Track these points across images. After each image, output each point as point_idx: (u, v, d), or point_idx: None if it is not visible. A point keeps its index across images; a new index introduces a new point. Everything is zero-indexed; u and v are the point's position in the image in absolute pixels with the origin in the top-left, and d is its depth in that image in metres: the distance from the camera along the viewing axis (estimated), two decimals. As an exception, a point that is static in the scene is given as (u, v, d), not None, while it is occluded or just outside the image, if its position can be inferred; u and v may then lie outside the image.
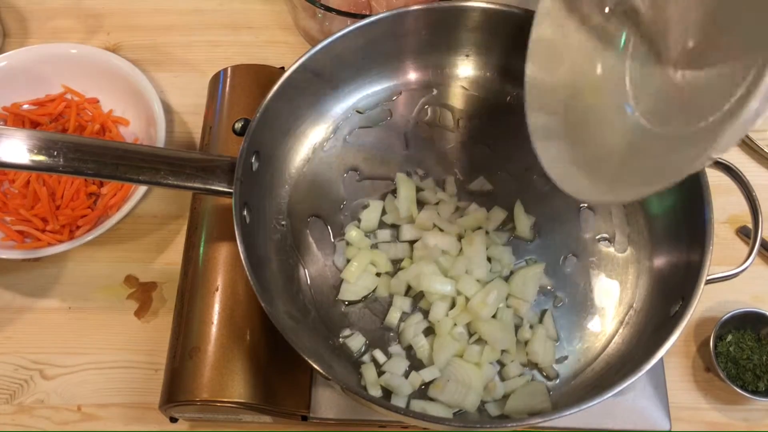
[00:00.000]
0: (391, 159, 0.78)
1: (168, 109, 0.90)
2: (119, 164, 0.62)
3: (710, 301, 0.77)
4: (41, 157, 0.59)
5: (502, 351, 0.67)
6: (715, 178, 0.66)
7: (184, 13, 0.99)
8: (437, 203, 0.74)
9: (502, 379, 0.66)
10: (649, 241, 0.72)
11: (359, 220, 0.73)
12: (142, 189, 0.76)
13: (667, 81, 0.56)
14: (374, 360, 0.66)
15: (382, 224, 0.74)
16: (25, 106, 0.86)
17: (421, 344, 0.67)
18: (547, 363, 0.66)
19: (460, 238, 0.71)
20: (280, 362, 0.66)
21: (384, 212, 0.74)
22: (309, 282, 0.71)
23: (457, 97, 0.81)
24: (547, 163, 0.61)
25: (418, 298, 0.69)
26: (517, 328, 0.68)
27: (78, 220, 0.78)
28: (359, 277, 0.70)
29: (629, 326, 0.68)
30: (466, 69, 0.82)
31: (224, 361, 0.64)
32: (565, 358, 0.67)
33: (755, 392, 0.71)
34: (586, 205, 0.75)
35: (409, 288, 0.70)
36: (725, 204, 0.80)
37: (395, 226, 0.74)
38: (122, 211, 0.75)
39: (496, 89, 0.81)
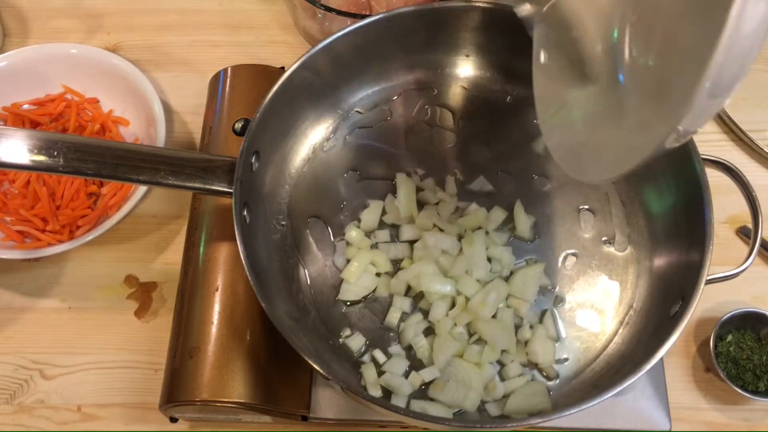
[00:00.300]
0: (391, 159, 0.78)
1: (168, 109, 0.90)
2: (119, 164, 0.62)
3: (710, 301, 0.77)
4: (41, 157, 0.59)
5: (502, 351, 0.66)
6: (715, 178, 0.66)
7: (184, 13, 0.99)
8: (437, 203, 0.74)
9: (502, 379, 0.66)
10: (649, 241, 0.72)
11: (359, 220, 0.73)
12: (142, 189, 0.76)
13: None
14: (374, 360, 0.66)
15: (382, 224, 0.74)
16: (25, 106, 0.86)
17: (421, 344, 0.67)
18: (547, 363, 0.66)
19: (460, 238, 0.71)
20: (280, 362, 0.66)
21: (384, 212, 0.74)
22: (309, 282, 0.71)
23: (457, 97, 0.81)
24: (552, 148, 0.61)
25: (418, 298, 0.69)
26: (517, 328, 0.68)
27: (78, 220, 0.78)
28: (359, 277, 0.70)
29: (629, 326, 0.68)
30: (466, 69, 0.82)
31: (224, 361, 0.64)
32: (566, 359, 0.67)
33: (755, 392, 0.71)
34: (586, 206, 0.75)
35: (409, 288, 0.69)
36: (725, 204, 0.80)
37: (395, 226, 0.74)
38: (122, 211, 0.75)
39: (496, 89, 0.81)
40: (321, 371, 0.56)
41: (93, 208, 0.80)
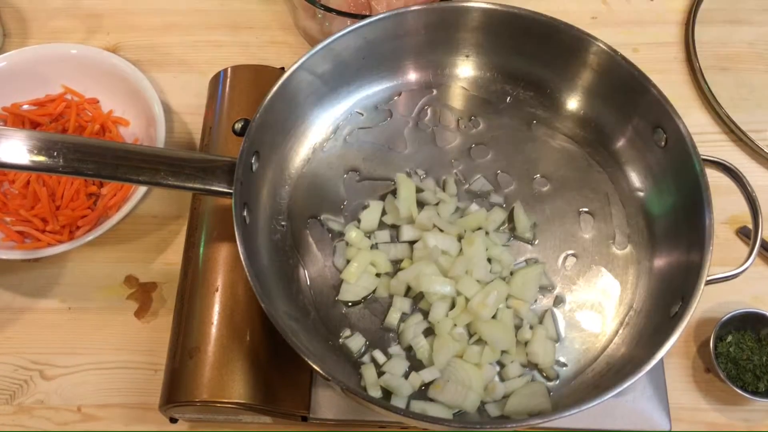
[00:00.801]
0: (391, 159, 0.78)
1: (168, 109, 0.90)
2: (119, 164, 0.62)
3: (710, 301, 0.77)
4: (41, 158, 0.59)
5: (502, 351, 0.66)
6: (715, 179, 0.66)
7: (184, 13, 0.99)
8: (437, 204, 0.74)
9: (502, 379, 0.66)
10: (649, 241, 0.72)
11: (359, 221, 0.73)
12: (142, 189, 0.76)
13: None
14: (374, 360, 0.66)
15: (382, 225, 0.74)
16: (25, 107, 0.86)
17: (421, 345, 0.66)
18: (547, 363, 0.66)
19: (460, 238, 0.71)
20: (280, 362, 0.66)
21: (384, 213, 0.74)
22: (309, 282, 0.71)
23: (457, 97, 0.81)
24: None
25: (418, 299, 0.69)
26: (517, 328, 0.68)
27: (78, 220, 0.78)
28: (359, 277, 0.70)
29: (629, 327, 0.68)
30: (466, 69, 0.82)
31: (224, 361, 0.64)
32: (565, 364, 0.67)
33: (755, 393, 0.70)
34: (586, 206, 0.75)
35: (408, 288, 0.69)
36: (725, 204, 0.80)
37: (395, 227, 0.74)
38: (122, 211, 0.75)
39: (496, 89, 0.81)
40: (321, 372, 0.56)
41: (93, 208, 0.80)
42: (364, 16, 0.74)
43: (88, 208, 0.79)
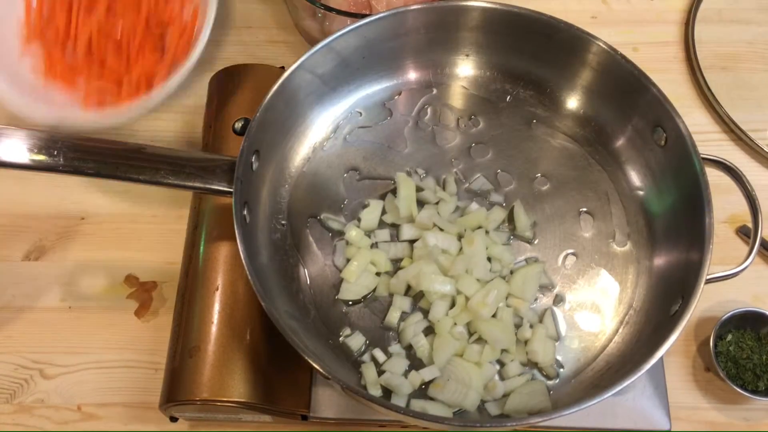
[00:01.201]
0: (391, 159, 0.78)
1: (168, 109, 0.90)
2: (119, 164, 0.62)
3: (710, 300, 0.77)
4: (41, 157, 0.59)
5: (502, 350, 0.66)
6: (715, 178, 0.66)
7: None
8: (437, 203, 0.74)
9: (502, 378, 0.66)
10: (649, 240, 0.72)
11: (359, 220, 0.73)
12: (207, 30, 0.76)
13: None
14: (374, 359, 0.66)
15: (382, 224, 0.74)
16: None
17: (421, 344, 0.67)
18: (547, 362, 0.66)
19: (460, 237, 0.71)
20: (280, 362, 0.66)
21: (384, 212, 0.74)
22: (309, 281, 0.71)
23: (457, 97, 0.81)
24: None
25: (418, 298, 0.69)
26: (517, 327, 0.68)
27: (152, 71, 0.78)
28: (359, 276, 0.70)
29: (629, 326, 0.68)
30: (466, 69, 0.82)
31: (224, 360, 0.64)
32: (563, 364, 0.67)
33: (755, 392, 0.71)
34: (586, 206, 0.75)
35: (409, 287, 0.69)
36: (725, 204, 0.80)
37: (395, 226, 0.74)
38: (193, 56, 0.76)
39: (496, 88, 0.81)
40: (321, 370, 0.56)
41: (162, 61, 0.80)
42: (364, 16, 0.74)
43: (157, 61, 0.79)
